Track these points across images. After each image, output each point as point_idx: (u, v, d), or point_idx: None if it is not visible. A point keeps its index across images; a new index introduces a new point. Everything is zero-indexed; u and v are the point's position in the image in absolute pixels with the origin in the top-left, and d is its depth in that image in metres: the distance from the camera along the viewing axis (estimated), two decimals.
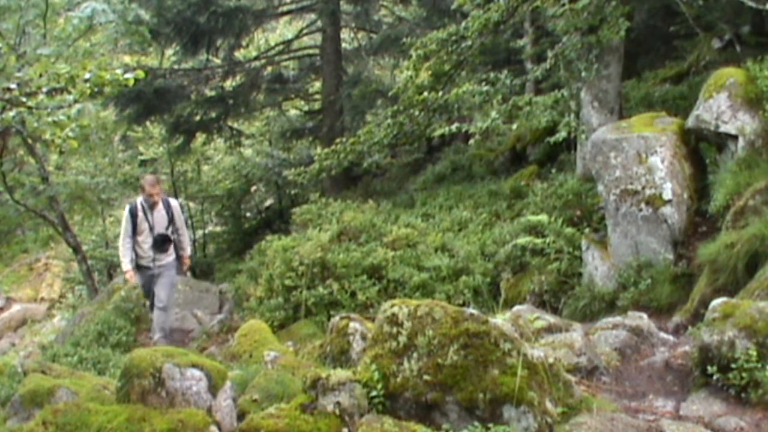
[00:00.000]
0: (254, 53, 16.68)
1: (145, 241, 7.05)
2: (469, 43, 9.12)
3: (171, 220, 7.15)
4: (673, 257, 6.04)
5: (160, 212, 7.07)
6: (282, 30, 20.16)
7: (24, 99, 6.02)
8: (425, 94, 9.53)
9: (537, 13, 10.42)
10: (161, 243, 7.09)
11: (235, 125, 17.33)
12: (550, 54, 8.52)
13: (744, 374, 3.32)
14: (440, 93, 9.50)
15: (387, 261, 8.19)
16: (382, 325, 3.19)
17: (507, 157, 12.28)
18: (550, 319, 4.44)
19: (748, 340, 3.38)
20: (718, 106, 6.09)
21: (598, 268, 6.59)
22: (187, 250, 7.43)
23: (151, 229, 7.03)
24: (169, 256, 7.26)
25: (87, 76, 5.95)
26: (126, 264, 7.00)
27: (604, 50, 8.11)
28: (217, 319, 9.43)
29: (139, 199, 7.17)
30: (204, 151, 17.82)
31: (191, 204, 17.59)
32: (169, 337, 7.51)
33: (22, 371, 5.73)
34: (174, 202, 7.33)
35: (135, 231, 7.03)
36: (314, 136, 16.93)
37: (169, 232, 7.14)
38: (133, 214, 7.03)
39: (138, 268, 7.15)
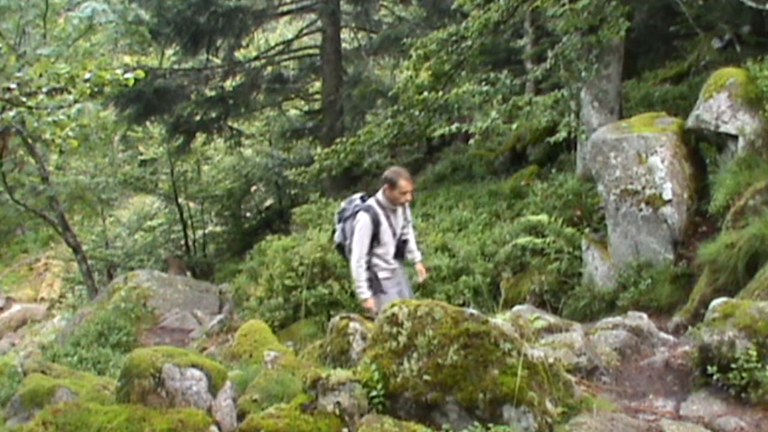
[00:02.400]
0: (254, 53, 16.69)
1: (389, 251, 5.56)
2: (469, 43, 9.12)
3: (405, 221, 5.72)
4: (673, 257, 6.04)
5: (397, 212, 5.59)
6: (282, 30, 20.17)
7: (24, 99, 6.02)
8: (425, 94, 9.52)
9: (537, 13, 10.42)
10: (402, 248, 5.67)
11: (235, 125, 17.34)
12: (550, 54, 8.52)
13: (744, 374, 3.32)
14: (440, 93, 9.50)
15: None
16: (382, 325, 3.19)
17: (507, 157, 12.28)
18: (550, 319, 4.44)
19: (748, 340, 3.38)
20: (718, 106, 6.09)
21: (598, 268, 6.59)
22: (417, 254, 5.88)
23: (394, 235, 5.55)
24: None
25: (87, 76, 5.95)
26: (365, 290, 5.40)
27: (604, 50, 8.11)
28: (217, 319, 9.44)
29: (374, 201, 5.51)
30: (204, 151, 17.84)
31: (191, 204, 17.59)
32: None
33: (22, 371, 5.73)
34: None
35: (376, 243, 5.48)
36: (314, 136, 16.94)
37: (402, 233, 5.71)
38: (377, 223, 5.44)
39: (386, 282, 5.55)
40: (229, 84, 16.04)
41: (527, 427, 2.86)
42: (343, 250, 5.67)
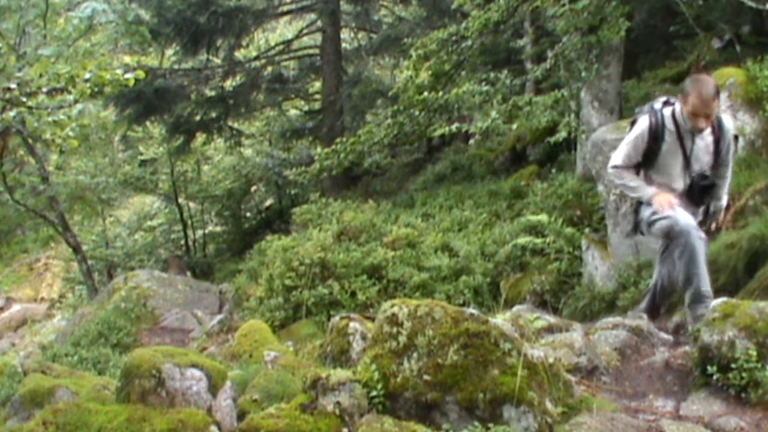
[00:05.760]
0: (254, 53, 16.70)
1: (673, 184, 4.14)
2: (469, 43, 9.13)
3: (717, 154, 4.15)
4: None
5: (704, 140, 4.08)
6: (282, 30, 20.18)
7: (24, 99, 6.03)
8: (425, 94, 9.54)
9: (537, 13, 10.43)
10: (700, 192, 4.18)
11: (235, 125, 17.35)
12: (550, 54, 8.53)
13: (744, 374, 3.32)
14: (440, 93, 9.51)
15: (387, 261, 8.20)
16: (382, 325, 3.19)
17: (507, 157, 12.28)
18: (550, 319, 4.44)
19: (748, 340, 3.38)
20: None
21: (598, 268, 6.59)
22: (724, 200, 4.35)
23: (686, 165, 4.10)
24: (700, 209, 4.34)
25: (87, 76, 5.96)
26: (643, 187, 4.10)
27: (604, 50, 8.12)
28: (217, 319, 9.43)
29: (669, 111, 4.10)
30: (204, 151, 17.84)
31: (191, 204, 17.60)
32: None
33: (22, 371, 5.74)
34: (727, 123, 4.20)
35: (649, 163, 4.12)
36: (314, 136, 16.95)
37: (710, 172, 4.16)
38: (655, 137, 4.03)
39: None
40: (229, 84, 16.05)
41: (527, 427, 2.86)
42: None
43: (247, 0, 14.75)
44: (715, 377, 3.42)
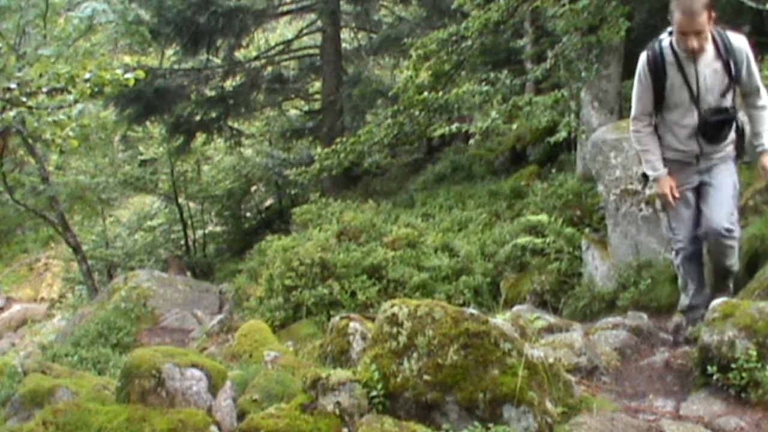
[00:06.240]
0: (254, 53, 16.71)
1: (684, 121, 3.80)
2: (469, 43, 9.13)
3: (733, 78, 3.71)
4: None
5: (709, 65, 3.68)
6: (282, 30, 20.19)
7: (24, 99, 6.04)
8: (425, 94, 9.54)
9: (537, 13, 10.43)
10: (717, 126, 3.78)
11: (235, 125, 17.35)
12: (550, 54, 8.52)
13: (744, 374, 3.32)
14: (440, 93, 9.52)
15: (387, 261, 8.20)
16: (382, 325, 3.19)
17: (507, 157, 12.29)
18: (550, 319, 4.44)
19: (748, 340, 3.38)
20: None
21: (598, 268, 6.59)
22: (766, 138, 3.89)
23: (695, 98, 3.71)
24: (726, 146, 3.96)
25: (87, 76, 5.96)
26: (655, 163, 3.87)
27: (604, 50, 8.11)
28: (217, 319, 9.44)
29: (666, 41, 3.81)
30: (204, 151, 17.85)
31: (191, 204, 17.61)
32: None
33: (22, 371, 5.74)
34: (736, 42, 3.71)
35: (659, 103, 3.82)
36: (314, 136, 16.96)
37: (728, 104, 3.77)
38: (655, 69, 3.78)
39: (671, 167, 3.90)
40: (229, 84, 16.05)
41: (527, 427, 2.86)
42: None
43: (247, 0, 14.75)
44: (715, 377, 3.42)
